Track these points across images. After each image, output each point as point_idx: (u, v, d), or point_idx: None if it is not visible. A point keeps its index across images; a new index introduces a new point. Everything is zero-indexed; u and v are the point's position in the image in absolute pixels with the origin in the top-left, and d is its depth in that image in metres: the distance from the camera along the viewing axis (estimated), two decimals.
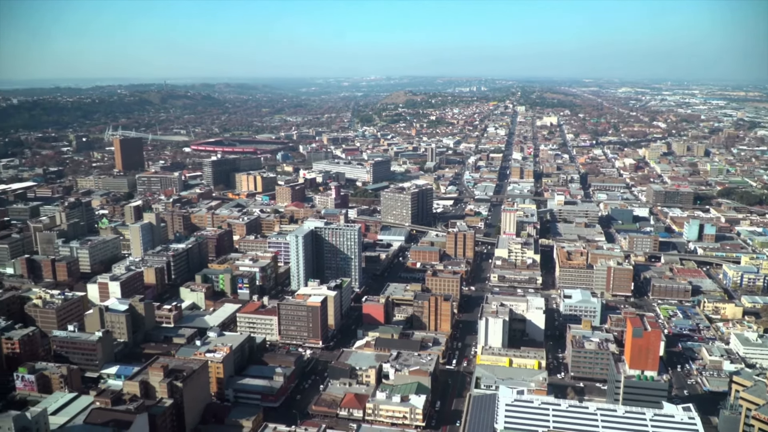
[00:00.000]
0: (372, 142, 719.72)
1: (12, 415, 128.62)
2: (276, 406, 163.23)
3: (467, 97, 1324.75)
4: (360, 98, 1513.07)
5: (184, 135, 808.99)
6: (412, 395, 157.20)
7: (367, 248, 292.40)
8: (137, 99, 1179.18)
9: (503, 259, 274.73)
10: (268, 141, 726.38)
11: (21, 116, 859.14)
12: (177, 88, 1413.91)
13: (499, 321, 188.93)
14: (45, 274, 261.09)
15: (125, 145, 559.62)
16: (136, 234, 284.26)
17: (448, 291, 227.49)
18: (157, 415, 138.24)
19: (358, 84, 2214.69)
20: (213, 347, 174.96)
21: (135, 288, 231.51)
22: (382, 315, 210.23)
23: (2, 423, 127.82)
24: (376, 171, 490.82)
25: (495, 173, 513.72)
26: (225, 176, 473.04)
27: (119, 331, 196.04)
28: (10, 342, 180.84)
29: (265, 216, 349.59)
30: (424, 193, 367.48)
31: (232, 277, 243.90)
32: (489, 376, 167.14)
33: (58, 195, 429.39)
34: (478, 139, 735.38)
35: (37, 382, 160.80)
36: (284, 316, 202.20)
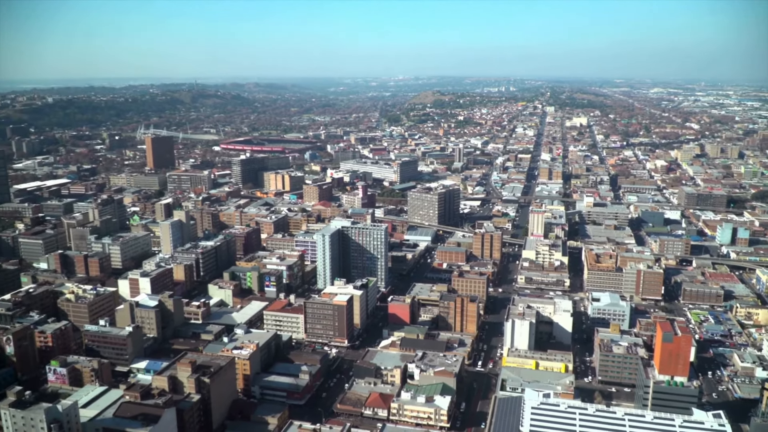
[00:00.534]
0: (399, 142, 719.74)
1: (44, 408, 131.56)
2: (301, 403, 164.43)
3: (496, 97, 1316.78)
4: (388, 98, 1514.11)
5: (213, 134, 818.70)
6: (437, 396, 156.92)
7: (394, 248, 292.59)
8: (169, 98, 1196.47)
9: (530, 260, 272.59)
10: (296, 140, 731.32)
11: (56, 115, 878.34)
12: (207, 88, 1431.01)
13: (526, 323, 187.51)
14: (78, 270, 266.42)
15: (156, 143, 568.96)
16: (166, 231, 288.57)
17: (474, 292, 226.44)
18: (185, 410, 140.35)
19: (386, 84, 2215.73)
20: (240, 344, 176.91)
21: (164, 284, 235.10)
22: (408, 315, 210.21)
23: (34, 415, 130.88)
24: (403, 171, 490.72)
25: (523, 174, 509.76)
26: (253, 175, 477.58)
27: (149, 327, 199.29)
28: (43, 335, 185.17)
29: (293, 215, 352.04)
30: (451, 194, 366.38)
31: (260, 275, 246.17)
32: (515, 378, 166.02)
33: (92, 192, 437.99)
34: (506, 140, 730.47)
35: (69, 376, 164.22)
36: (310, 315, 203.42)
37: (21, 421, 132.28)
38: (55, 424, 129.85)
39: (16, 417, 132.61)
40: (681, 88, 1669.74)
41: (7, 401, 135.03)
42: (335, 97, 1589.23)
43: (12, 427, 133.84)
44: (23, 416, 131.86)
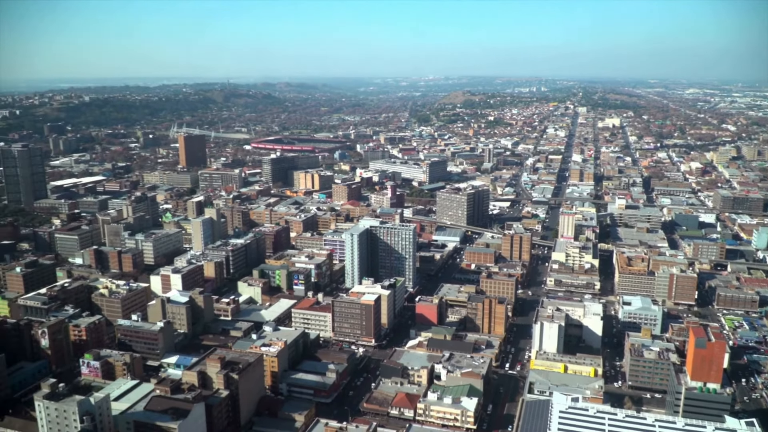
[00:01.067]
0: (429, 142, 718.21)
1: (77, 400, 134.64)
2: (328, 401, 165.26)
3: (527, 97, 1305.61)
4: (418, 98, 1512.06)
5: (245, 133, 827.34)
6: (463, 397, 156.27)
7: (422, 248, 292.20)
8: (201, 97, 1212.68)
9: (560, 263, 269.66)
10: (326, 140, 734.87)
11: (92, 113, 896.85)
12: (239, 87, 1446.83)
13: (555, 326, 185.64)
14: (111, 265, 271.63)
15: (189, 142, 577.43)
16: (197, 228, 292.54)
17: (502, 294, 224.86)
18: (214, 405, 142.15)
19: (416, 84, 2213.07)
20: (268, 341, 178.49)
21: (195, 281, 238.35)
22: (436, 315, 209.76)
23: (67, 407, 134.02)
24: (432, 171, 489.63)
25: (554, 175, 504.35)
26: (283, 174, 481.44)
27: (179, 322, 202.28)
28: (78, 329, 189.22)
29: (322, 214, 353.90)
30: (481, 194, 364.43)
31: (288, 273, 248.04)
32: (543, 381, 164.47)
33: (126, 189, 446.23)
34: (536, 141, 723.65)
35: (102, 369, 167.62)
36: (338, 314, 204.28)
37: (54, 413, 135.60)
38: (88, 416, 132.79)
39: (50, 408, 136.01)
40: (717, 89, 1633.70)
41: (41, 393, 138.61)
42: (365, 97, 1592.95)
43: (46, 419, 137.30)
44: (57, 408, 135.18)
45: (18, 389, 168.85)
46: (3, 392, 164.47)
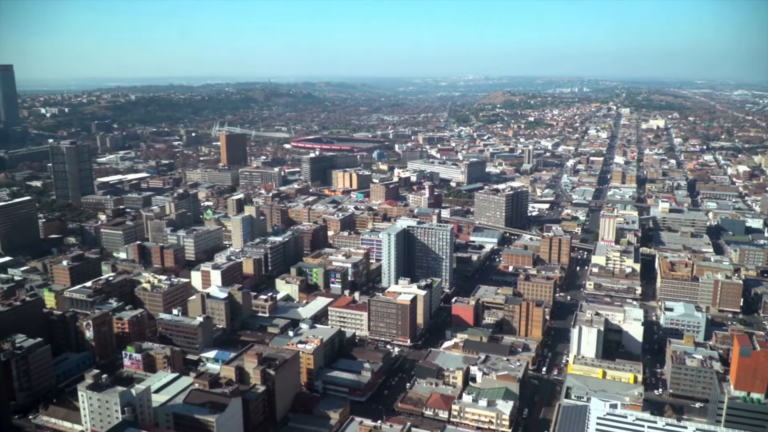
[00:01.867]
0: (468, 142, 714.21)
1: (119, 391, 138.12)
2: (363, 400, 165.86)
3: (568, 98, 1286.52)
4: (457, 98, 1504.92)
5: (284, 132, 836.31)
6: (499, 400, 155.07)
7: (459, 249, 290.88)
8: (243, 97, 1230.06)
9: (600, 266, 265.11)
10: (364, 139, 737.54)
11: (138, 111, 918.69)
12: (280, 87, 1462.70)
13: (594, 330, 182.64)
14: (154, 260, 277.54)
15: (230, 140, 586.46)
16: (237, 226, 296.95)
17: (540, 296, 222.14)
18: (250, 400, 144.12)
19: (455, 84, 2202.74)
20: (305, 338, 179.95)
21: (234, 277, 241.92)
22: (472, 317, 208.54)
23: (109, 398, 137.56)
24: (470, 171, 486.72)
25: (595, 177, 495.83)
26: (322, 173, 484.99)
27: (218, 318, 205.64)
28: (121, 322, 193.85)
29: (359, 213, 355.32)
30: (520, 196, 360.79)
31: (326, 271, 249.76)
32: (580, 386, 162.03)
33: (169, 186, 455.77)
34: (578, 142, 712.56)
35: (143, 361, 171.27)
36: (374, 313, 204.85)
37: (97, 403, 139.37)
38: (129, 407, 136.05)
39: (93, 399, 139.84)
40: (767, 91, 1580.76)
41: (85, 383, 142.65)
42: (404, 97, 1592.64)
43: (88, 408, 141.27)
44: (99, 398, 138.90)
45: (62, 379, 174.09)
46: (48, 382, 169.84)
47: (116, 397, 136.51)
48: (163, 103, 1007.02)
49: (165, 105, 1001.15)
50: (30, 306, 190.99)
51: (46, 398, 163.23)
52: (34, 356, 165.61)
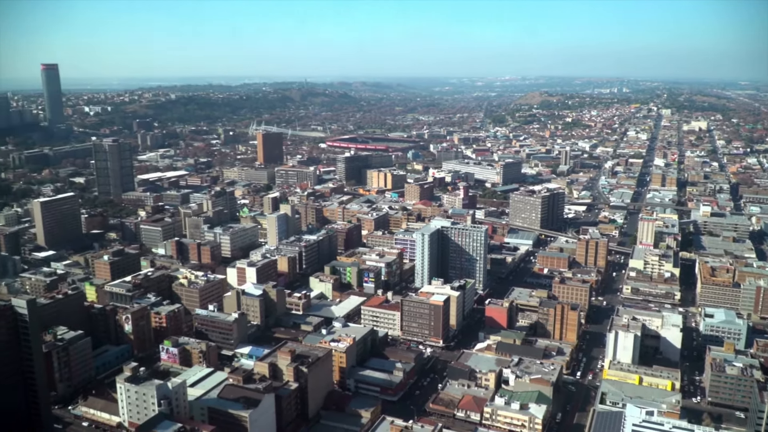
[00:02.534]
0: (503, 143, 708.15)
1: (155, 384, 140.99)
2: (394, 400, 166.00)
3: (607, 98, 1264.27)
4: (493, 98, 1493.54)
5: (320, 131, 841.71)
6: (532, 404, 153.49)
7: (493, 250, 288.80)
8: (280, 96, 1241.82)
9: (638, 270, 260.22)
10: (399, 139, 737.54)
11: (177, 110, 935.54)
12: (316, 86, 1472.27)
13: (630, 335, 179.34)
14: (191, 257, 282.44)
15: (267, 139, 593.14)
16: (272, 224, 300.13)
17: (575, 300, 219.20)
18: (283, 397, 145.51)
19: (491, 84, 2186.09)
20: (337, 337, 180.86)
21: (269, 275, 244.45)
22: (505, 319, 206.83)
23: (146, 390, 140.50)
24: (506, 172, 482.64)
25: (633, 179, 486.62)
26: (357, 172, 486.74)
27: (253, 314, 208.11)
28: (159, 316, 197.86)
29: (394, 213, 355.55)
30: (556, 197, 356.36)
31: (359, 270, 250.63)
32: (616, 392, 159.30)
33: (206, 184, 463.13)
34: (616, 143, 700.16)
35: (180, 356, 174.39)
36: (407, 313, 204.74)
37: (135, 395, 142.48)
38: (165, 400, 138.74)
39: (131, 391, 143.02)
40: None
41: (123, 376, 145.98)
42: (440, 97, 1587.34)
43: (126, 400, 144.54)
44: (137, 391, 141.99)
45: (102, 371, 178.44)
46: (88, 373, 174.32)
47: (153, 390, 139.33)
48: (202, 102, 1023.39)
49: (204, 104, 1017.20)
50: (72, 299, 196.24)
51: (85, 389, 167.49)
52: (74, 348, 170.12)
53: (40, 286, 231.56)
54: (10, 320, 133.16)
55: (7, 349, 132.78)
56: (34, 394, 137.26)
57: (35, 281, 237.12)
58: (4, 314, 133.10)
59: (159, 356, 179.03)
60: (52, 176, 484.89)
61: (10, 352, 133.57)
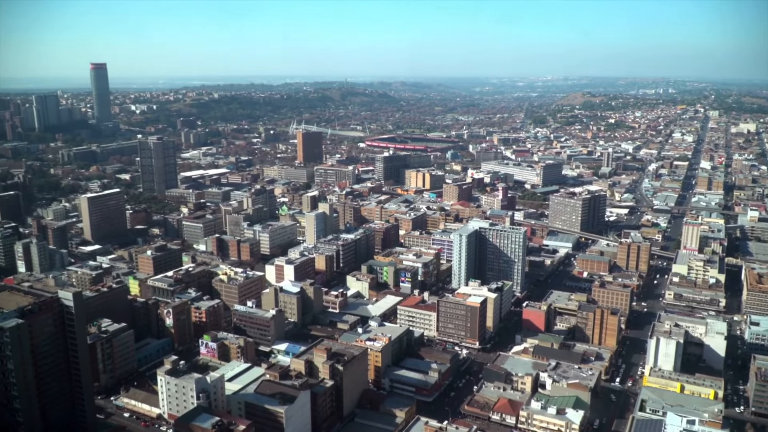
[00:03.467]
0: (544, 143, 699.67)
1: (194, 378, 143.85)
2: (429, 400, 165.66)
3: (652, 99, 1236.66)
4: (534, 99, 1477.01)
5: (359, 131, 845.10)
6: (569, 409, 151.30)
7: (532, 252, 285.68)
8: (320, 96, 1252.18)
9: (681, 276, 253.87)
10: (438, 139, 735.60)
11: (220, 109, 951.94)
12: (356, 86, 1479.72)
13: (673, 342, 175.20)
14: (231, 253, 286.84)
15: (307, 138, 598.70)
16: (311, 222, 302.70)
17: (616, 304, 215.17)
18: (319, 394, 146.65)
19: (533, 84, 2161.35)
20: (373, 336, 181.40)
21: (306, 272, 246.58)
22: (543, 322, 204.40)
23: (186, 384, 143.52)
24: (546, 174, 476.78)
25: (678, 183, 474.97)
26: (395, 172, 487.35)
27: (290, 312, 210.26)
28: (199, 311, 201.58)
29: (431, 213, 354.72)
30: (597, 200, 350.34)
31: (396, 270, 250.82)
32: (656, 400, 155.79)
33: (247, 182, 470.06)
34: (661, 145, 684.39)
35: (218, 350, 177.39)
36: (443, 313, 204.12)
37: (174, 388, 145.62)
38: (204, 393, 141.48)
39: (171, 383, 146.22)
40: None
41: (163, 368, 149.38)
42: (480, 97, 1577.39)
43: (166, 392, 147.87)
44: (176, 383, 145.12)
45: (143, 363, 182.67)
46: (130, 365, 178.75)
47: (192, 383, 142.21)
48: (244, 102, 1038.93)
49: (246, 103, 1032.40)
50: (116, 293, 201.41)
51: (127, 381, 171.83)
52: (118, 340, 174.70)
53: (86, 280, 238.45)
54: (57, 312, 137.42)
55: (53, 340, 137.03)
56: (79, 384, 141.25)
57: (81, 274, 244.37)
58: (52, 306, 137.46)
59: (198, 350, 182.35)
60: (99, 173, 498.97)
61: (57, 343, 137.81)
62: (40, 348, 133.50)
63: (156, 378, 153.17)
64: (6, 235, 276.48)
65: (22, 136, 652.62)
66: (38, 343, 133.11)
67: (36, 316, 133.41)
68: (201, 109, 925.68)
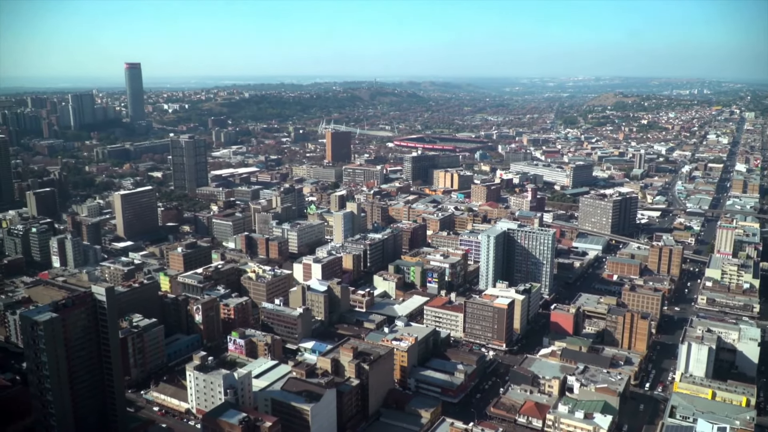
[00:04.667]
0: (574, 144, 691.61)
1: (222, 374, 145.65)
2: (454, 401, 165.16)
3: (686, 100, 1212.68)
4: (565, 99, 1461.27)
5: (388, 131, 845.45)
6: (596, 413, 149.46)
7: (561, 254, 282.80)
8: (349, 95, 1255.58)
9: (714, 280, 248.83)
10: (467, 139, 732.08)
11: (250, 108, 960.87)
12: (385, 86, 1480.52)
13: (705, 348, 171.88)
14: (259, 251, 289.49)
15: (336, 138, 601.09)
16: (338, 221, 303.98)
17: (646, 308, 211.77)
18: (344, 393, 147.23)
19: (563, 84, 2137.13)
20: (399, 336, 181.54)
21: (334, 271, 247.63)
22: (571, 325, 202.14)
23: (214, 379, 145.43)
24: (576, 175, 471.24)
25: (712, 185, 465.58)
26: (423, 172, 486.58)
27: (317, 310, 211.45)
28: (227, 308, 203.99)
29: (459, 213, 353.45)
30: (628, 202, 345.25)
31: (423, 270, 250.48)
32: (687, 406, 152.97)
33: (276, 181, 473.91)
34: (695, 147, 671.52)
35: (246, 347, 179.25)
36: (470, 315, 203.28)
37: (203, 383, 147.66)
38: (231, 389, 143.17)
39: (199, 379, 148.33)
40: None
41: (192, 364, 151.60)
42: (510, 97, 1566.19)
43: (195, 388, 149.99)
44: (205, 379, 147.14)
45: (173, 358, 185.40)
46: (160, 360, 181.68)
47: (220, 379, 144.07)
48: (273, 101, 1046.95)
49: (276, 102, 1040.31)
50: (147, 288, 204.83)
51: (157, 375, 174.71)
52: (148, 335, 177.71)
53: (118, 275, 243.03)
54: (90, 307, 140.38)
55: (86, 334, 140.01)
56: (110, 377, 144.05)
57: (114, 270, 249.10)
58: (85, 301, 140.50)
59: (226, 347, 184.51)
60: (132, 170, 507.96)
61: (90, 337, 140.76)
62: (73, 342, 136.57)
63: (185, 373, 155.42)
64: (41, 231, 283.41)
65: (59, 134, 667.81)
66: (71, 337, 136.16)
67: (70, 311, 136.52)
68: (232, 109, 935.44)
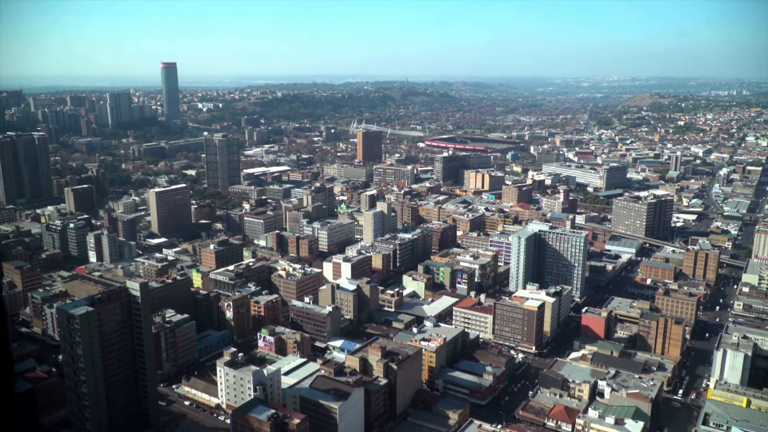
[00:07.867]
0: (608, 146, 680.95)
1: (252, 370, 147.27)
2: (483, 403, 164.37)
3: (724, 101, 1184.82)
4: (599, 100, 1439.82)
5: (419, 131, 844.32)
6: (628, 420, 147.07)
7: (593, 257, 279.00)
8: (381, 95, 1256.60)
9: (752, 286, 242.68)
10: (499, 140, 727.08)
11: (283, 107, 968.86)
12: (417, 86, 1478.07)
13: (740, 355, 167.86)
14: (290, 249, 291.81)
15: (367, 137, 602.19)
16: (369, 221, 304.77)
17: (680, 314, 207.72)
18: (372, 392, 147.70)
19: (598, 85, 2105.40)
20: (428, 336, 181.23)
21: (363, 271, 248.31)
22: (603, 329, 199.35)
23: (244, 375, 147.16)
24: (609, 177, 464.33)
25: (751, 189, 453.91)
26: (454, 172, 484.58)
27: (346, 309, 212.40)
28: (258, 305, 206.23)
29: (490, 214, 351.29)
30: (663, 204, 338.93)
31: (452, 271, 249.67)
32: (721, 414, 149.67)
33: (307, 180, 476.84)
34: (733, 149, 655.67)
35: (275, 344, 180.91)
36: (499, 316, 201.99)
37: (233, 379, 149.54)
38: (261, 386, 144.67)
39: (229, 375, 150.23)
40: None
41: (223, 360, 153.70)
42: (543, 98, 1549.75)
43: (225, 383, 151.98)
44: (235, 375, 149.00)
45: (204, 354, 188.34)
46: (191, 355, 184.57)
47: (250, 375, 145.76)
48: (306, 100, 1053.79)
49: (308, 102, 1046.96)
50: (180, 284, 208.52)
51: (188, 370, 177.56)
52: (181, 330, 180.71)
53: (152, 271, 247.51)
54: (124, 301, 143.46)
55: (121, 328, 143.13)
56: (143, 371, 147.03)
57: (148, 266, 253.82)
58: (120, 295, 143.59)
59: (256, 343, 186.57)
60: (166, 168, 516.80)
61: (124, 331, 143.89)
62: (107, 335, 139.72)
63: (215, 369, 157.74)
64: (79, 227, 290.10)
65: (97, 131, 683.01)
66: (106, 330, 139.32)
67: (105, 305, 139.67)
68: (264, 108, 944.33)
